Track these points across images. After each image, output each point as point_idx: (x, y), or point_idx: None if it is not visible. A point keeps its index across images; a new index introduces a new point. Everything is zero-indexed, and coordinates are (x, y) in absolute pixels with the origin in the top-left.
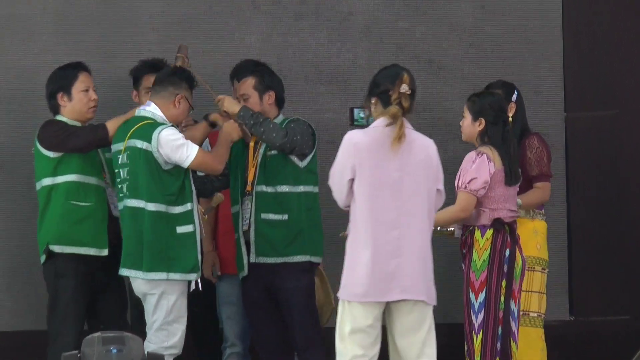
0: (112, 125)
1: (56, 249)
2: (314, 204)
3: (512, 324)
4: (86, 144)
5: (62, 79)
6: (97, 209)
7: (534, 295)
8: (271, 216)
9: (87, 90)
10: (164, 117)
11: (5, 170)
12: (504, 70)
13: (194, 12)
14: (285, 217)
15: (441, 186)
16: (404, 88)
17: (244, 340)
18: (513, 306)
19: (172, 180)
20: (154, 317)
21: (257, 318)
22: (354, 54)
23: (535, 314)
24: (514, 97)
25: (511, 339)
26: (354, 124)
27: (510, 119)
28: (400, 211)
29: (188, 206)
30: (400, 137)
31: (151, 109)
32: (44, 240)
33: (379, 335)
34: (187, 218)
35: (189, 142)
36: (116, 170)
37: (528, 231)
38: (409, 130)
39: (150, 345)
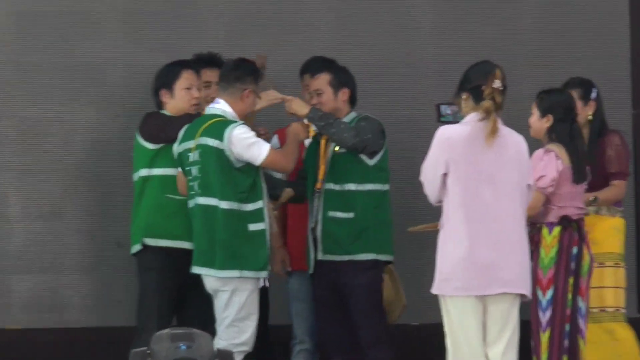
0: None
1: (150, 242)
2: (382, 202)
3: (580, 322)
4: None
5: (165, 76)
6: None
7: (620, 292)
8: (338, 214)
9: (189, 89)
10: (234, 114)
11: (72, 170)
12: (571, 67)
13: (261, 8)
14: (352, 215)
15: (532, 181)
16: (497, 84)
17: (313, 337)
18: (581, 303)
19: (243, 178)
20: (225, 314)
21: (322, 315)
22: (419, 51)
23: (624, 310)
24: (593, 94)
25: (579, 337)
26: (440, 121)
27: (591, 116)
28: (495, 205)
29: (259, 204)
30: (494, 132)
31: (221, 106)
32: (136, 232)
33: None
34: (258, 216)
35: (260, 140)
36: (186, 169)
37: (610, 228)
38: (501, 125)
39: (221, 342)
